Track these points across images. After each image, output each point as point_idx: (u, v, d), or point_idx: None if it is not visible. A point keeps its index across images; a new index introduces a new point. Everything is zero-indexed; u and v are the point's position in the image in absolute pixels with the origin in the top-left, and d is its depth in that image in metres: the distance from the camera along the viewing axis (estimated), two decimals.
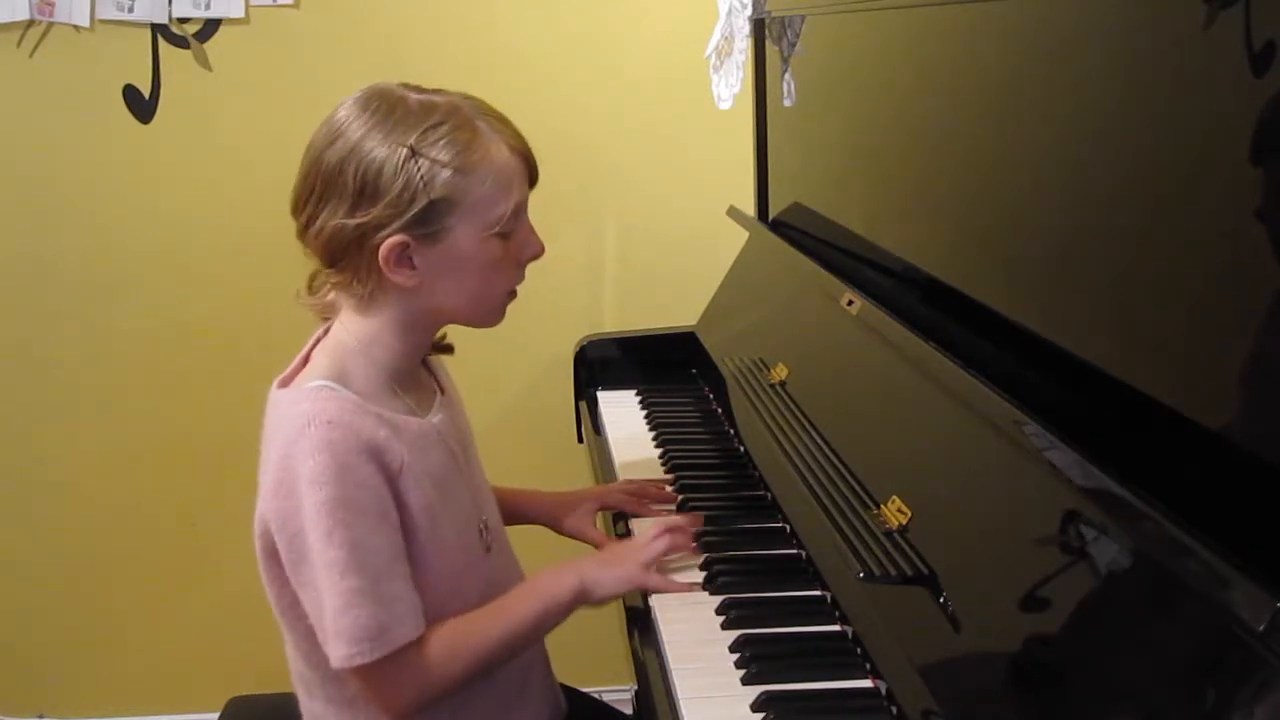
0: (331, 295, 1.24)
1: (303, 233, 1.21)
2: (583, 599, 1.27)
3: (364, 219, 1.14)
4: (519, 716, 1.34)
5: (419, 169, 1.13)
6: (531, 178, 1.23)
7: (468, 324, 1.27)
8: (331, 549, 1.12)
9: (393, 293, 1.19)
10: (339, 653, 1.13)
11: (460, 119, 1.17)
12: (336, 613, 1.13)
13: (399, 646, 1.15)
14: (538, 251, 1.25)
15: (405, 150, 1.13)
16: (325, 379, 1.19)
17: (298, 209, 1.20)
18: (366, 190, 1.14)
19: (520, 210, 1.22)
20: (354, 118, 1.17)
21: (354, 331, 1.22)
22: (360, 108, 1.17)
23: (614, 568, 1.30)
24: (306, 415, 1.14)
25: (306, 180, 1.19)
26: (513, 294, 1.26)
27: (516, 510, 1.51)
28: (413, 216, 1.14)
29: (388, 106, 1.16)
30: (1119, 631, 0.86)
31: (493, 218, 1.18)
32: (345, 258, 1.18)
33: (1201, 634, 0.77)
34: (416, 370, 1.29)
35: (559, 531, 1.53)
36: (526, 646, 1.28)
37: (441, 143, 1.15)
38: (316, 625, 1.17)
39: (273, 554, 1.19)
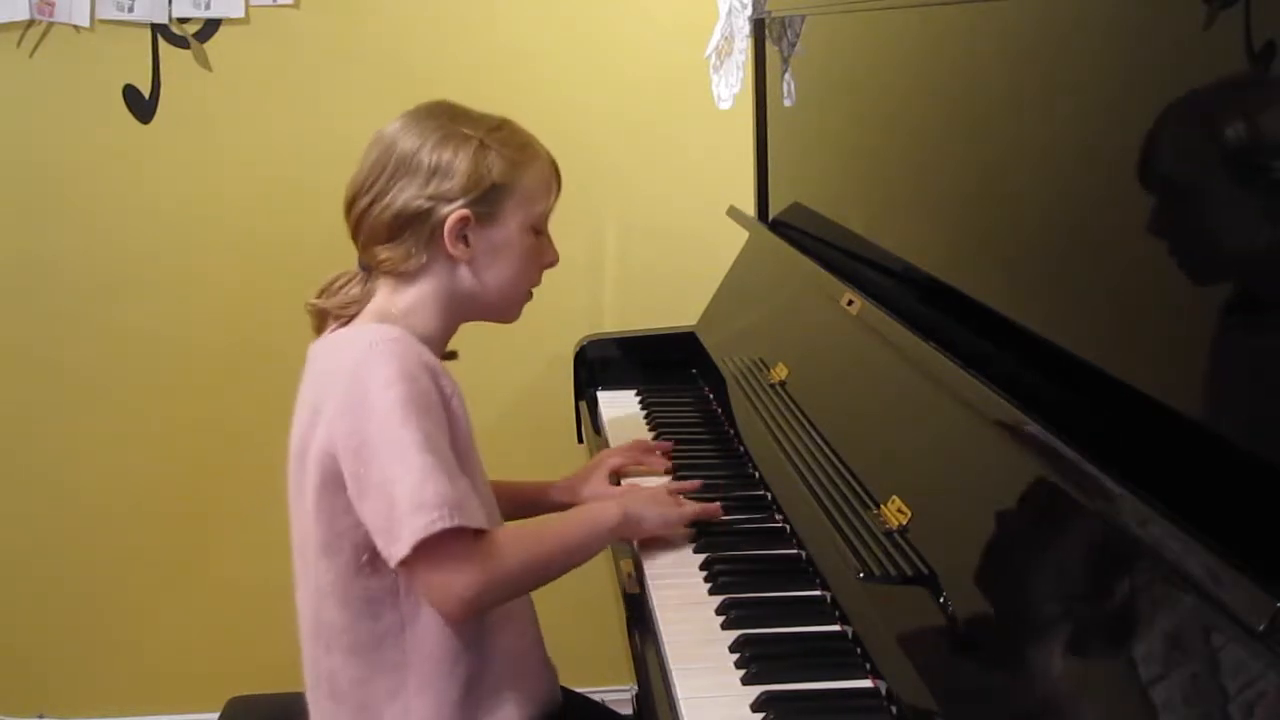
0: (353, 292, 1.35)
1: (365, 213, 1.32)
2: (624, 530, 1.38)
3: (437, 191, 1.29)
4: (516, 688, 1.34)
5: (486, 157, 1.31)
6: (558, 189, 1.39)
7: (492, 315, 1.39)
8: (408, 432, 1.19)
9: (439, 268, 1.32)
10: (417, 523, 1.16)
11: (514, 126, 1.37)
12: (414, 488, 1.17)
13: (471, 527, 1.19)
14: (554, 259, 1.41)
15: (477, 141, 1.31)
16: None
17: (363, 191, 1.32)
18: (441, 169, 1.30)
19: (550, 213, 1.38)
20: (422, 119, 1.33)
21: (394, 300, 1.33)
22: (426, 113, 1.34)
23: (656, 506, 1.42)
24: (370, 339, 1.25)
25: (377, 164, 1.32)
26: (530, 295, 1.40)
27: (534, 500, 1.60)
28: (478, 195, 1.30)
29: (452, 113, 1.34)
30: (1119, 631, 0.86)
31: (536, 211, 1.36)
32: (409, 228, 1.30)
33: (1202, 634, 0.78)
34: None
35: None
36: (570, 566, 1.33)
37: (504, 139, 1.33)
38: (383, 527, 1.19)
39: (331, 480, 1.23)
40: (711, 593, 1.30)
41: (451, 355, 1.41)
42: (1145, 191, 0.96)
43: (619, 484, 1.61)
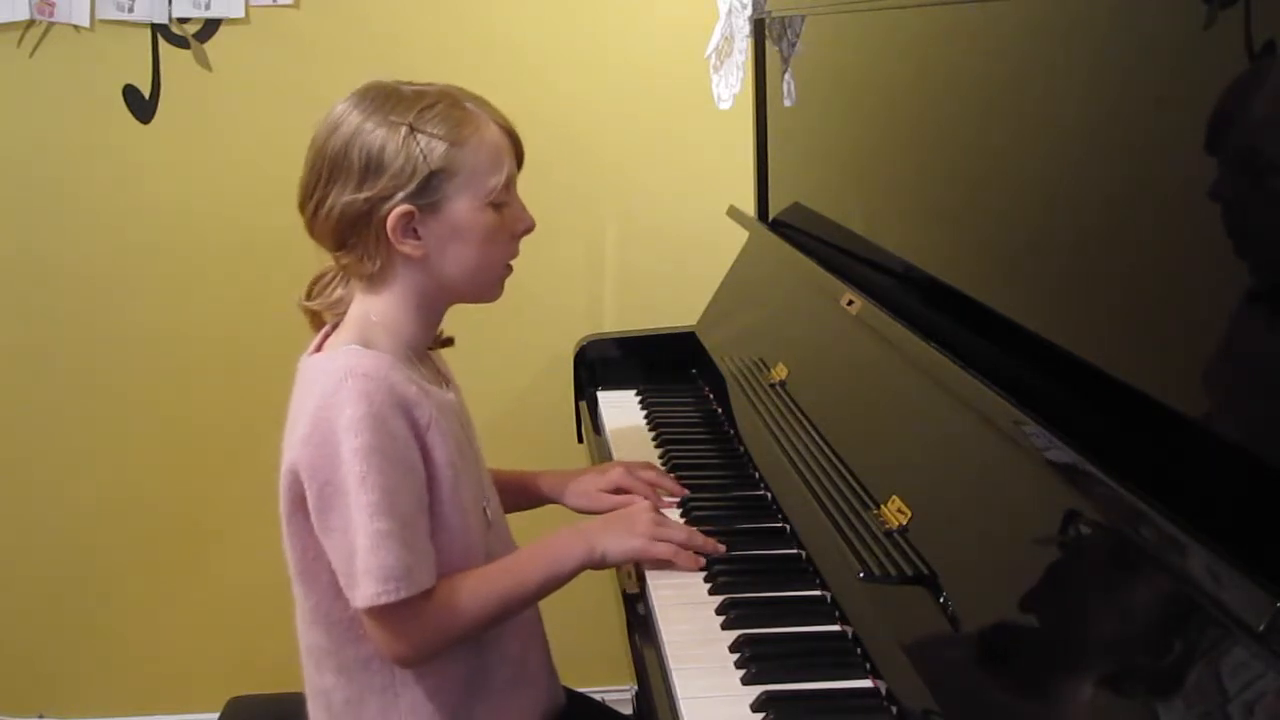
0: (338, 293, 1.32)
1: (312, 220, 1.28)
2: (590, 565, 1.32)
3: (371, 192, 1.23)
4: (516, 701, 1.35)
5: (418, 144, 1.24)
6: (518, 153, 1.32)
7: (471, 298, 1.33)
8: (365, 493, 1.17)
9: (401, 267, 1.27)
10: (366, 591, 1.18)
11: (451, 100, 1.28)
12: (366, 552, 1.18)
13: (419, 591, 1.20)
14: (529, 225, 1.33)
15: (405, 128, 1.24)
16: (354, 344, 1.26)
17: (306, 198, 1.28)
18: (371, 166, 1.24)
19: (510, 184, 1.31)
20: (352, 108, 1.27)
21: (371, 308, 1.29)
22: (357, 99, 1.27)
23: (624, 537, 1.34)
24: (343, 369, 1.21)
25: (313, 169, 1.27)
26: (509, 268, 1.34)
27: (527, 489, 1.56)
28: (415, 187, 1.24)
29: (383, 95, 1.27)
30: (1119, 631, 0.86)
31: (487, 188, 1.27)
32: (355, 234, 1.26)
33: (1202, 634, 0.78)
34: (425, 356, 1.35)
35: (569, 506, 1.56)
36: (530, 604, 1.34)
37: (436, 120, 1.25)
38: (342, 570, 1.21)
39: (298, 505, 1.23)
40: (711, 593, 1.30)
41: (448, 342, 1.39)
42: (1145, 191, 0.96)
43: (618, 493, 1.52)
